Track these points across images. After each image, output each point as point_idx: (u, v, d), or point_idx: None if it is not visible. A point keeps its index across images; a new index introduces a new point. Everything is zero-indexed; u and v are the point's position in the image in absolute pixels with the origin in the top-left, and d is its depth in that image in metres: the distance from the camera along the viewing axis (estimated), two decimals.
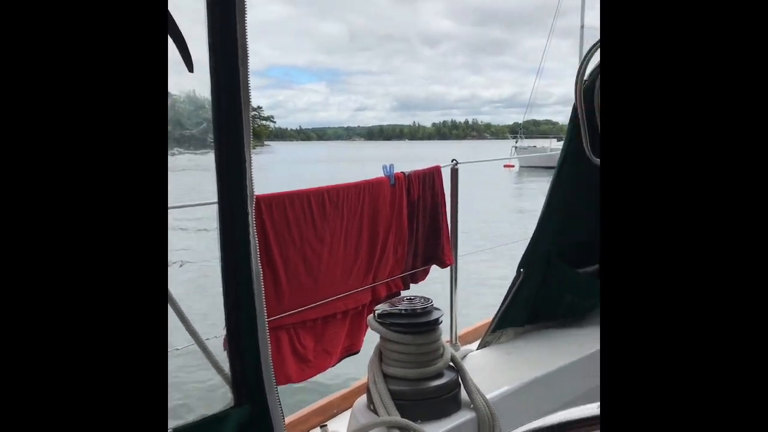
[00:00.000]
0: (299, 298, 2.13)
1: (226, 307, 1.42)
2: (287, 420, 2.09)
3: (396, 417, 1.74)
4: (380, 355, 1.89)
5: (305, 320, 2.15)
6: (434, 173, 2.58)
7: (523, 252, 2.51)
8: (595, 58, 2.49)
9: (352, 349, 2.39)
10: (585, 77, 2.49)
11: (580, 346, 2.40)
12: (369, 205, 2.31)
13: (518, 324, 2.55)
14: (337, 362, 2.34)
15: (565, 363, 2.26)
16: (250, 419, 1.47)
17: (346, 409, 2.18)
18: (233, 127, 1.35)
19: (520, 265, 2.49)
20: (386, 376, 1.84)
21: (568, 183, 2.56)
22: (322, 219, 2.16)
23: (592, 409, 0.77)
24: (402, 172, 2.46)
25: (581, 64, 2.48)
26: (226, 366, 1.45)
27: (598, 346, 2.37)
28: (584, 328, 2.62)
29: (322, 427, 1.94)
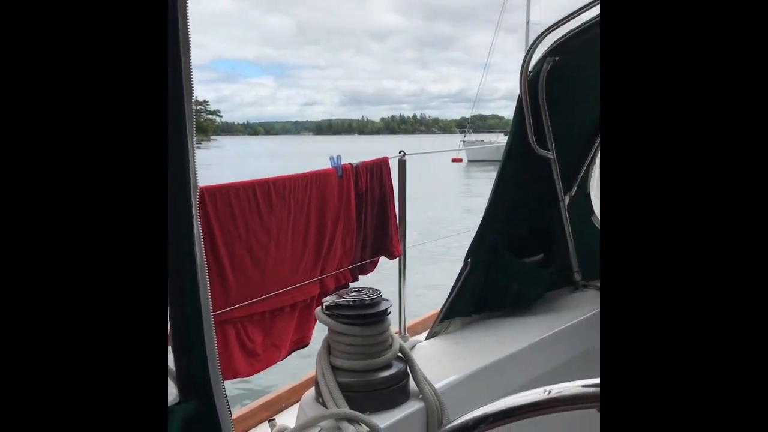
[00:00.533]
0: (246, 292, 2.09)
1: (170, 302, 1.39)
2: (234, 415, 2.05)
3: (345, 409, 1.73)
4: (329, 347, 1.88)
5: (253, 314, 2.12)
6: (382, 165, 2.58)
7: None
8: (539, 50, 2.53)
9: (301, 343, 2.37)
10: (530, 69, 2.52)
11: (526, 334, 2.43)
12: (316, 197, 2.29)
13: (466, 314, 2.57)
14: (287, 356, 2.32)
15: (512, 351, 2.29)
16: (196, 415, 1.43)
17: (295, 403, 2.16)
18: (175, 116, 1.32)
19: (467, 256, 2.51)
20: (335, 369, 1.83)
21: (514, 173, 2.59)
22: (268, 211, 2.12)
23: (539, 393, 0.78)
24: (350, 164, 2.45)
25: (526, 55, 2.51)
26: (170, 361, 1.41)
27: (543, 334, 2.44)
28: (530, 316, 2.66)
29: (270, 421, 1.91)
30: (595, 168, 3.14)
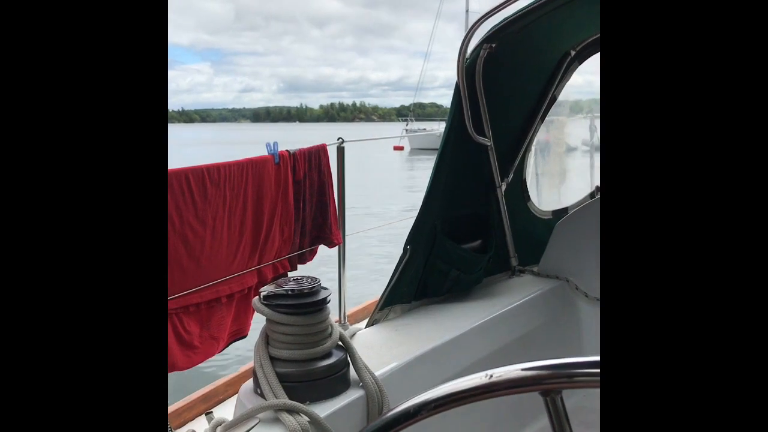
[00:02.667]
0: (181, 283, 2.03)
1: None
2: (171, 408, 2.00)
3: (284, 399, 1.70)
4: (266, 337, 1.84)
5: (188, 305, 2.06)
6: (320, 152, 2.54)
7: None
8: (476, 37, 2.54)
9: (239, 334, 2.33)
10: (467, 56, 2.53)
11: (465, 320, 2.46)
12: (253, 185, 2.24)
13: (406, 300, 2.58)
14: (225, 347, 2.27)
15: (452, 337, 2.31)
16: None
17: (232, 395, 2.12)
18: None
19: (407, 242, 2.51)
20: (273, 359, 1.80)
21: (452, 160, 2.61)
22: (203, 199, 2.06)
23: (480, 378, 0.77)
24: (287, 151, 2.40)
25: (463, 42, 2.52)
26: None
27: (482, 320, 2.47)
28: (469, 302, 2.69)
29: (207, 414, 1.87)
30: (531, 155, 3.19)
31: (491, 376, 0.76)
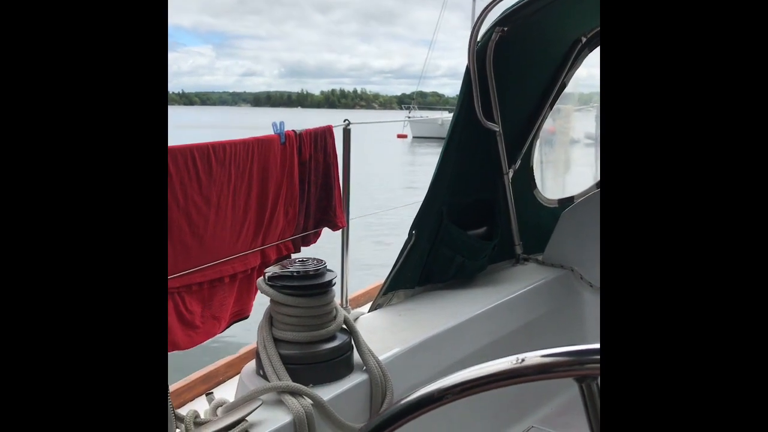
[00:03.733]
0: (184, 262, 2.00)
1: None
2: (171, 388, 1.98)
3: (287, 381, 1.68)
4: (270, 319, 1.82)
5: (191, 284, 2.03)
6: (326, 133, 2.50)
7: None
8: (488, 21, 2.50)
9: (241, 314, 2.30)
10: (478, 39, 2.49)
11: (469, 306, 2.44)
12: (258, 164, 2.21)
13: (409, 286, 2.55)
14: (226, 327, 2.25)
15: (455, 323, 2.29)
16: None
17: (233, 376, 2.10)
18: None
19: (412, 228, 2.49)
20: (277, 341, 1.78)
21: (460, 146, 2.57)
22: (207, 177, 2.03)
23: (510, 362, 0.75)
24: (293, 131, 2.37)
25: (474, 25, 2.48)
26: None
27: (486, 307, 2.44)
28: (473, 289, 2.67)
29: (207, 395, 1.85)
30: (539, 142, 3.16)
31: (522, 360, 0.73)
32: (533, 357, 0.73)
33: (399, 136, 37.17)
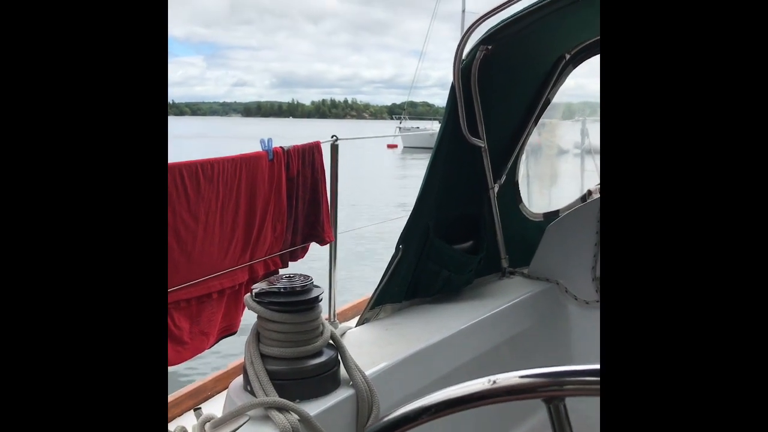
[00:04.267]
0: (172, 278, 2.02)
1: None
2: None
3: (274, 397, 1.70)
4: (257, 334, 1.84)
5: (179, 300, 2.05)
6: (314, 149, 2.54)
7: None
8: (473, 39, 2.55)
9: (229, 330, 2.32)
10: (463, 57, 2.53)
11: (456, 320, 2.46)
12: (246, 181, 2.23)
13: (396, 300, 2.58)
14: (215, 343, 2.26)
15: (442, 337, 2.31)
16: None
17: (221, 392, 2.11)
18: None
19: (399, 242, 2.51)
20: (264, 356, 1.79)
21: (445, 161, 2.61)
22: (196, 195, 2.05)
23: (482, 383, 0.77)
24: (281, 147, 2.40)
25: (459, 44, 2.52)
26: None
27: (472, 321, 2.47)
28: (459, 303, 2.69)
29: (195, 410, 1.86)
30: (523, 157, 3.20)
31: (494, 381, 0.76)
32: (504, 379, 0.76)
33: (389, 146, 37.36)
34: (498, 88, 2.75)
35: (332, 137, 2.53)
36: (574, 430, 0.76)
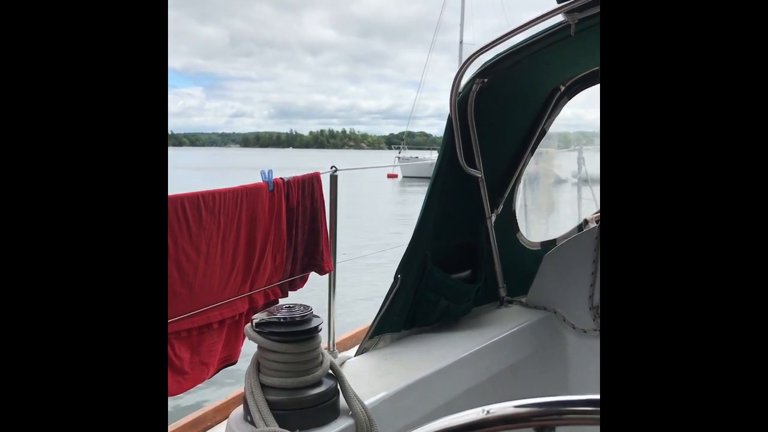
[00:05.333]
0: (173, 308, 2.04)
1: None
2: None
3: (274, 427, 1.70)
4: (258, 365, 1.85)
5: (180, 331, 2.06)
6: (313, 179, 2.57)
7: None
8: (469, 72, 2.60)
9: (229, 360, 2.33)
10: (460, 89, 2.59)
11: (454, 349, 2.47)
12: (247, 212, 2.26)
13: (395, 329, 2.59)
14: (215, 373, 2.26)
15: (441, 366, 2.32)
16: None
17: (221, 421, 2.11)
18: None
19: (398, 272, 2.53)
20: (264, 386, 1.80)
21: (443, 191, 2.64)
22: (197, 226, 2.08)
23: (477, 413, 0.79)
24: (281, 178, 2.43)
25: (456, 77, 2.57)
26: None
27: (471, 350, 2.48)
28: (458, 332, 2.70)
29: None
30: (520, 186, 3.24)
31: (488, 411, 0.78)
32: (498, 408, 0.78)
33: (389, 176, 37.61)
34: (494, 120, 2.80)
35: (331, 168, 2.56)
36: None
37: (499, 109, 2.81)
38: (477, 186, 2.85)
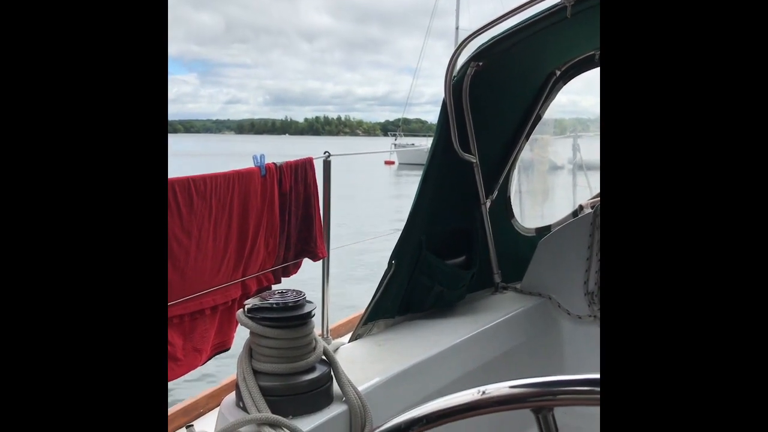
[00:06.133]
0: None
1: None
2: None
3: (267, 413, 1.69)
4: (250, 350, 1.84)
5: (172, 317, 2.04)
6: (307, 164, 2.54)
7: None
8: (464, 55, 2.57)
9: (223, 347, 2.31)
10: (455, 73, 2.56)
11: (448, 336, 2.46)
12: (239, 197, 2.24)
13: (389, 315, 2.58)
14: (208, 360, 2.25)
15: (435, 352, 2.31)
16: None
17: (213, 408, 2.10)
18: None
19: (392, 257, 2.52)
20: (256, 372, 1.79)
21: (437, 176, 2.62)
22: (188, 211, 2.05)
23: (472, 394, 0.78)
24: (273, 163, 2.40)
25: (451, 60, 2.54)
26: None
27: (465, 336, 2.47)
28: (452, 318, 2.70)
29: (188, 427, 1.85)
30: (515, 172, 3.22)
31: (483, 392, 0.76)
32: (493, 389, 0.77)
33: (387, 163, 37.65)
34: (489, 104, 2.78)
35: (325, 153, 2.54)
36: None
37: (495, 93, 2.79)
38: (472, 171, 2.83)
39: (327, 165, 2.52)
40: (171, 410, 2.05)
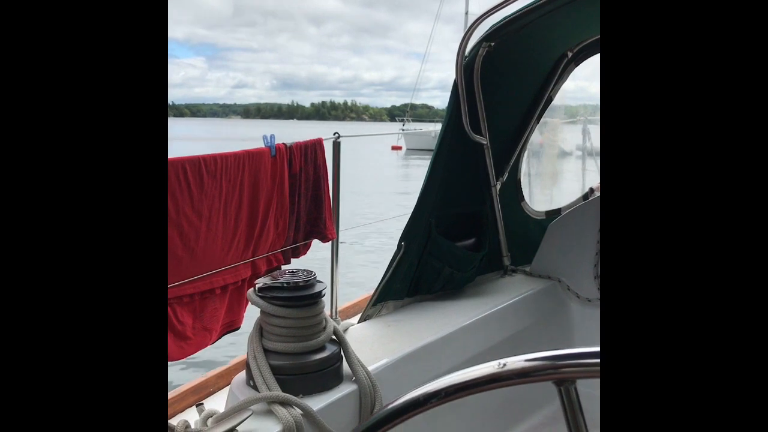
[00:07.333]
0: (175, 273, 2.02)
1: None
2: None
3: (277, 392, 1.70)
4: (260, 330, 1.84)
5: (182, 296, 2.05)
6: (316, 145, 2.53)
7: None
8: (475, 36, 2.55)
9: (232, 326, 2.32)
10: (466, 54, 2.54)
11: (457, 317, 2.46)
12: (249, 177, 2.23)
13: (398, 297, 2.58)
14: (217, 339, 2.26)
15: (444, 334, 2.31)
16: None
17: (224, 387, 2.11)
18: None
19: (401, 239, 2.51)
20: (267, 351, 1.79)
21: (448, 158, 2.61)
22: (199, 190, 2.05)
23: (492, 366, 0.77)
24: (283, 144, 2.39)
25: (462, 41, 2.52)
26: None
27: (474, 318, 2.47)
28: (461, 300, 2.70)
29: (198, 405, 1.86)
30: (526, 154, 3.20)
31: (504, 365, 0.76)
32: (514, 361, 0.76)
33: (394, 148, 37.62)
34: (500, 86, 2.76)
35: (334, 134, 2.52)
36: (586, 415, 0.76)
37: (506, 74, 2.77)
38: (482, 153, 2.82)
39: (336, 146, 2.51)
40: (181, 389, 2.06)
